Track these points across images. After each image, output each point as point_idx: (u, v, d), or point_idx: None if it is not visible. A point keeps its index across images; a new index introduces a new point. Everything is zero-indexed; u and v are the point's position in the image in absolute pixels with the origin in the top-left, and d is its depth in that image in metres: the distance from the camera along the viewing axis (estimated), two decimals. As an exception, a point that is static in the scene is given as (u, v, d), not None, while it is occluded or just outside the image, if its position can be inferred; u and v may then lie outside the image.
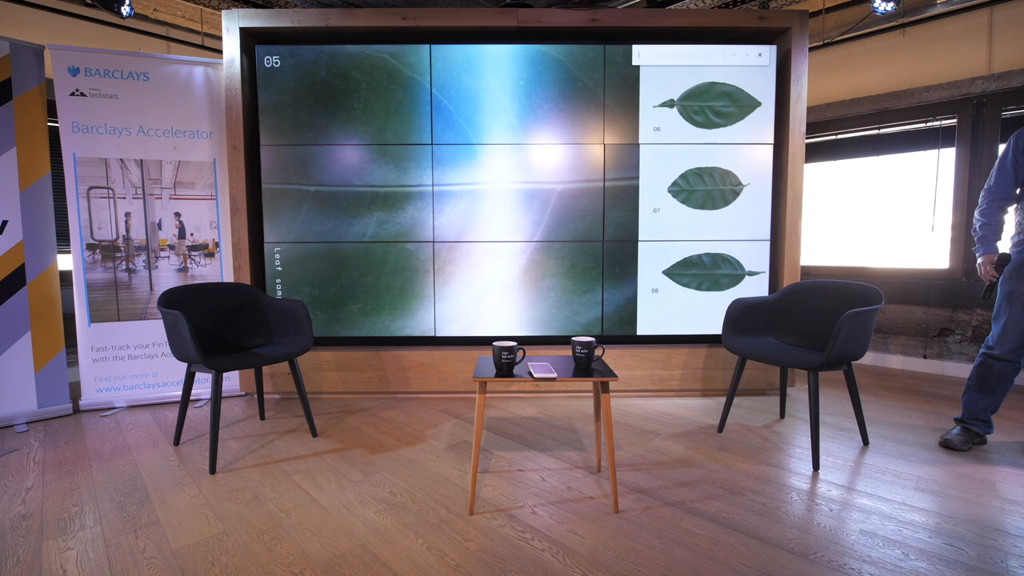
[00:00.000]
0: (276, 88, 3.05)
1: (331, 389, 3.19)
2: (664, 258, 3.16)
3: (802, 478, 2.13)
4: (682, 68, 3.08)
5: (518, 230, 3.14)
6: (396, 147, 3.09)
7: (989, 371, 2.34)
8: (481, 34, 3.15)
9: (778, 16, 3.02)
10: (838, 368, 2.23)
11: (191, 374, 2.40)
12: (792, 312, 2.66)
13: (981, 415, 2.38)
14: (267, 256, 3.13)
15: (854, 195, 4.14)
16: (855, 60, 4.00)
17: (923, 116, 3.73)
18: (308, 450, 2.43)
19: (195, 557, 1.62)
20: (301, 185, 3.10)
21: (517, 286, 3.17)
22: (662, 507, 1.90)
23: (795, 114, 3.06)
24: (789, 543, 1.68)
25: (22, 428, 2.72)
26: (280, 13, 3.00)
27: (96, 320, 3.00)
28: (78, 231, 2.96)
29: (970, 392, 2.40)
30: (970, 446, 2.38)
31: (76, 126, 2.92)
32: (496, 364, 1.88)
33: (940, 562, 1.58)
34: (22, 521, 1.84)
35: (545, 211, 3.13)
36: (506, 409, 2.98)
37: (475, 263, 3.16)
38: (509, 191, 3.12)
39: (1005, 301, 2.30)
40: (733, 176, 3.12)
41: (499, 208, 3.13)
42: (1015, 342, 2.28)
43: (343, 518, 1.84)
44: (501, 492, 2.01)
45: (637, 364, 3.17)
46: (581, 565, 1.57)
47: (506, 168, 3.11)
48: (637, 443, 2.48)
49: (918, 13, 3.62)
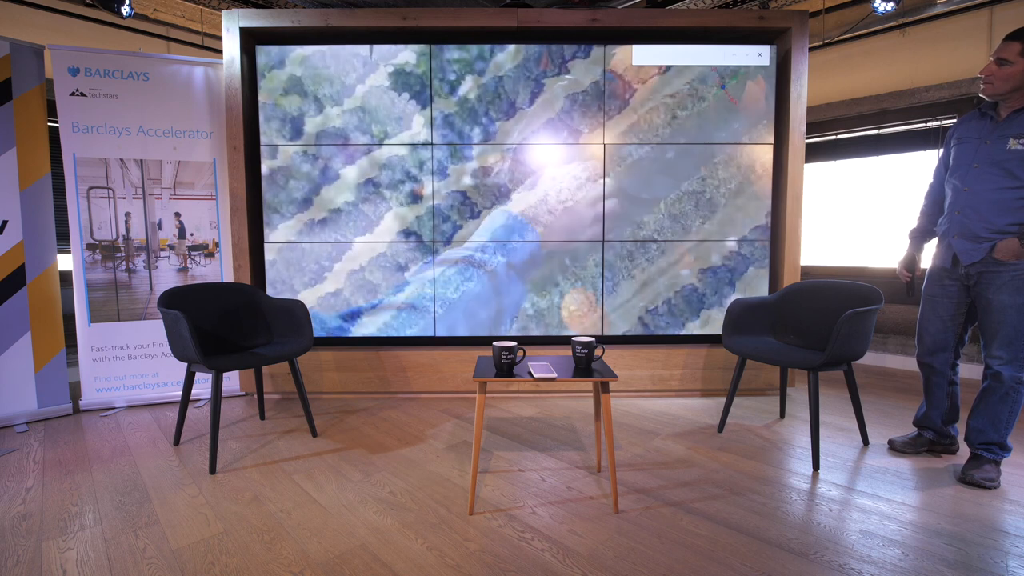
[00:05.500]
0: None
1: (331, 389, 3.19)
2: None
3: (802, 478, 2.13)
4: (682, 68, 3.08)
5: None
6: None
7: (923, 375, 2.33)
8: (481, 34, 3.15)
9: (778, 16, 3.02)
10: (838, 368, 2.23)
11: (191, 374, 2.40)
12: (792, 312, 2.66)
13: (923, 422, 2.34)
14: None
15: (854, 195, 4.14)
16: (855, 60, 4.00)
17: (923, 116, 3.73)
18: (308, 450, 2.43)
19: (195, 557, 1.62)
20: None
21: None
22: (662, 507, 1.90)
23: (795, 114, 3.06)
24: (789, 543, 1.68)
25: (22, 428, 2.72)
26: (280, 13, 3.00)
27: (96, 320, 3.00)
28: (78, 231, 2.96)
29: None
30: (916, 451, 2.33)
31: (76, 126, 2.92)
32: (496, 364, 1.88)
33: (940, 562, 1.58)
34: (22, 521, 1.84)
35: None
36: (506, 409, 2.98)
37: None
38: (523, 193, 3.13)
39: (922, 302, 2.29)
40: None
41: (497, 216, 3.14)
42: (925, 345, 2.26)
43: (343, 518, 1.84)
44: (501, 492, 2.01)
45: (637, 364, 3.17)
46: (581, 565, 1.57)
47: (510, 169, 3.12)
48: (637, 443, 2.48)
49: (918, 13, 3.62)
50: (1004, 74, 1.95)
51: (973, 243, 2.04)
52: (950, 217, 2.13)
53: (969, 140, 2.09)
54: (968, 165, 2.07)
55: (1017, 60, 1.92)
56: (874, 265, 4.05)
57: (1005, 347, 2.00)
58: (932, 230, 2.30)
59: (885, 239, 3.99)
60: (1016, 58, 1.92)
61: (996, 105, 2.04)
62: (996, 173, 1.99)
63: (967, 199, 2.06)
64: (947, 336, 2.20)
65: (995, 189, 1.99)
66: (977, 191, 2.03)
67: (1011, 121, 1.98)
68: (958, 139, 2.14)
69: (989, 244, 2.00)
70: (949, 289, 2.17)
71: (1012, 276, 1.96)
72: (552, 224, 3.15)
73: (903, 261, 2.36)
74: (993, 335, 2.03)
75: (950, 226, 2.13)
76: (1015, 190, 1.95)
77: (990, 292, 2.02)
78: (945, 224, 2.17)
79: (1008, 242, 1.95)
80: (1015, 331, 1.97)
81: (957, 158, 2.13)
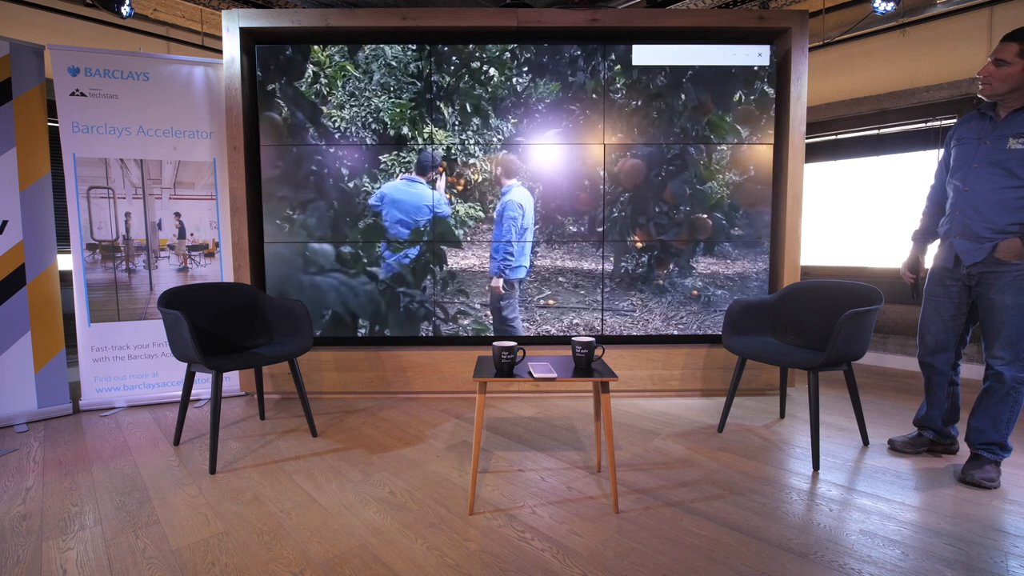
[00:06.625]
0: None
1: (331, 389, 3.19)
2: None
3: (802, 478, 2.13)
4: (682, 68, 3.08)
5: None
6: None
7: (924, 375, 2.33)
8: (481, 34, 3.15)
9: (778, 16, 3.02)
10: (838, 368, 2.23)
11: (191, 374, 2.40)
12: (792, 312, 2.66)
13: (924, 422, 2.34)
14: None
15: (854, 195, 4.14)
16: (855, 60, 4.00)
17: (923, 116, 3.73)
18: (308, 450, 2.43)
19: (195, 557, 1.62)
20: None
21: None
22: (662, 507, 1.90)
23: (795, 114, 3.06)
24: (789, 543, 1.68)
25: (22, 428, 2.72)
26: (280, 13, 3.00)
27: (96, 320, 3.00)
28: (78, 231, 2.96)
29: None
30: (917, 451, 2.33)
31: (76, 126, 2.92)
32: (496, 364, 1.87)
33: (940, 562, 1.58)
34: (22, 521, 1.83)
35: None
36: (506, 409, 2.98)
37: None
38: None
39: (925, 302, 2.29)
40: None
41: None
42: (926, 345, 2.26)
43: (343, 518, 1.84)
44: (501, 492, 2.01)
45: (637, 364, 3.17)
46: (581, 565, 1.57)
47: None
48: (637, 443, 2.48)
49: (918, 13, 3.62)
50: (1002, 75, 1.95)
51: (975, 243, 2.04)
52: (951, 217, 2.13)
53: (969, 140, 2.09)
54: (968, 165, 2.07)
55: (1015, 61, 1.92)
56: (874, 265, 4.04)
57: (1007, 347, 2.00)
58: (934, 231, 2.30)
59: (885, 239, 3.99)
60: (1014, 59, 1.92)
61: (995, 105, 2.04)
62: (996, 173, 1.99)
63: (968, 199, 2.06)
64: (948, 336, 2.20)
65: (995, 189, 1.99)
66: (978, 191, 2.03)
67: (1010, 121, 1.98)
68: (958, 140, 2.14)
69: (991, 244, 2.00)
70: (951, 289, 2.16)
71: (1014, 276, 1.96)
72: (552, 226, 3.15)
73: (907, 262, 2.36)
74: (995, 335, 2.03)
75: (951, 226, 2.13)
76: (1016, 189, 1.95)
77: (992, 292, 2.02)
78: (947, 224, 2.17)
79: (1010, 242, 1.95)
80: (1017, 331, 1.97)
81: (957, 159, 2.13)
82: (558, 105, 3.08)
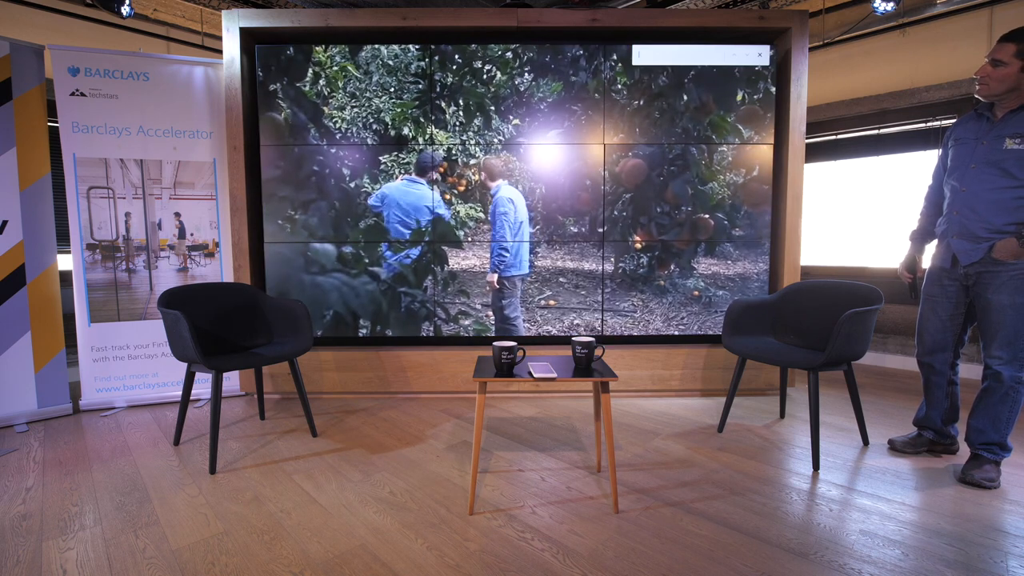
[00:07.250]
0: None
1: (331, 389, 3.19)
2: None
3: (802, 478, 2.13)
4: (683, 69, 3.08)
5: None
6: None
7: (923, 375, 2.33)
8: (481, 34, 3.15)
9: (778, 16, 3.02)
10: (838, 368, 2.23)
11: (191, 374, 2.40)
12: (792, 312, 2.66)
13: (923, 422, 2.34)
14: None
15: (854, 195, 4.14)
16: (855, 60, 4.00)
17: (923, 116, 3.73)
18: (308, 450, 2.43)
19: (195, 557, 1.62)
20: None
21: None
22: (662, 507, 1.90)
23: (795, 114, 3.06)
24: (789, 543, 1.68)
25: (22, 428, 2.72)
26: (280, 13, 3.00)
27: (96, 320, 3.00)
28: (78, 231, 2.96)
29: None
30: (917, 451, 2.33)
31: (76, 126, 2.92)
32: (496, 364, 1.87)
33: (940, 562, 1.58)
34: (22, 521, 1.84)
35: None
36: (506, 409, 2.98)
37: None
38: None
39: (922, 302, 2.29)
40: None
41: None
42: (924, 345, 2.26)
43: (343, 518, 1.84)
44: (501, 492, 2.01)
45: (637, 364, 3.17)
46: (581, 565, 1.57)
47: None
48: (637, 443, 2.48)
49: (918, 13, 3.62)
50: (999, 75, 1.95)
51: (972, 243, 2.04)
52: (949, 217, 2.14)
53: (966, 141, 2.09)
54: (966, 166, 2.07)
55: (1012, 61, 1.92)
56: (874, 265, 4.04)
57: (1005, 347, 2.00)
58: (932, 231, 2.30)
59: (885, 239, 3.99)
60: (1011, 59, 1.92)
61: (992, 106, 2.04)
62: (993, 173, 1.99)
63: (965, 199, 2.06)
64: (947, 336, 2.20)
65: (993, 189, 1.99)
66: (975, 191, 2.03)
67: (1007, 121, 1.98)
68: (955, 140, 2.15)
69: (988, 244, 2.00)
70: (948, 289, 2.17)
71: (1011, 276, 1.96)
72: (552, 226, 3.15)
73: (904, 262, 2.37)
74: (993, 335, 2.03)
75: (949, 226, 2.13)
76: (1013, 190, 1.95)
77: (989, 292, 2.02)
78: (944, 224, 2.17)
79: (1007, 242, 1.95)
80: (1014, 331, 1.97)
81: (955, 159, 2.13)
82: (560, 105, 3.09)
